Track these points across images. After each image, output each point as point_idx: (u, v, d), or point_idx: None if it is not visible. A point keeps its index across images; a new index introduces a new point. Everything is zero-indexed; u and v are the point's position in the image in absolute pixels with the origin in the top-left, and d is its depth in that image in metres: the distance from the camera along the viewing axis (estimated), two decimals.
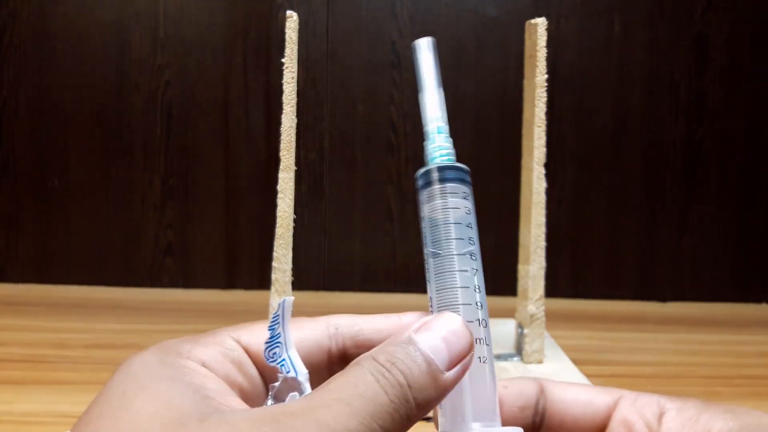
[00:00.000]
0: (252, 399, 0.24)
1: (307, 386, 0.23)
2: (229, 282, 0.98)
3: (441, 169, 0.26)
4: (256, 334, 0.25)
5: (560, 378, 0.62)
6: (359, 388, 0.20)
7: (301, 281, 0.90)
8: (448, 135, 0.27)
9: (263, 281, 0.97)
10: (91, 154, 0.97)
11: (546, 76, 0.63)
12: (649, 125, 0.99)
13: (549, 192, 0.63)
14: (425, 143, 0.28)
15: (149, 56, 0.96)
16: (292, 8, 0.91)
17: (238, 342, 0.24)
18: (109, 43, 0.96)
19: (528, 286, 0.65)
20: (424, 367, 0.21)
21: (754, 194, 1.00)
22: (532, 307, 0.64)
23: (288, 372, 0.23)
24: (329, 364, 0.25)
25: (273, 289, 0.60)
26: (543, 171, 0.64)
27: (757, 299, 1.00)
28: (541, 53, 0.63)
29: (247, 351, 0.24)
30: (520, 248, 0.67)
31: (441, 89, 0.27)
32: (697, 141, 0.99)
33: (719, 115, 0.99)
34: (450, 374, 0.22)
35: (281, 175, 0.60)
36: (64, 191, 0.97)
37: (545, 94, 0.63)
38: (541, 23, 0.63)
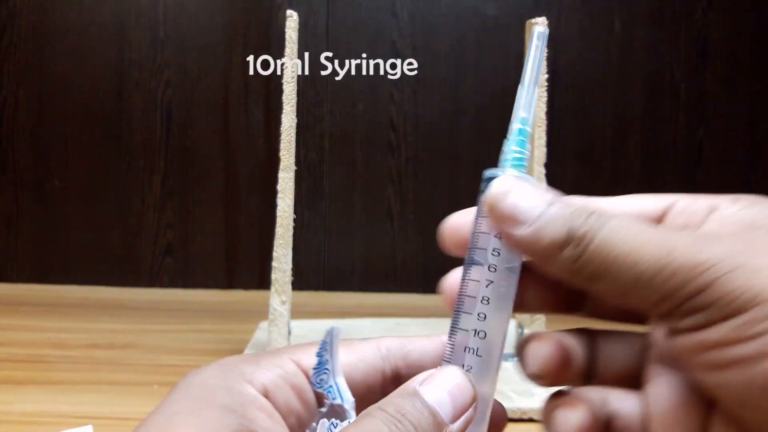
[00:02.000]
0: (307, 424, 0.24)
1: (352, 413, 0.23)
2: (229, 282, 0.98)
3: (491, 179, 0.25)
4: (314, 357, 0.25)
5: None
6: None
7: (301, 281, 0.90)
8: (527, 139, 0.26)
9: (263, 281, 0.97)
10: (91, 154, 0.97)
11: (546, 76, 0.63)
12: (649, 125, 0.99)
13: None
14: (505, 142, 0.26)
15: (149, 56, 0.96)
16: (292, 8, 0.91)
17: (299, 365, 0.24)
18: (109, 43, 0.96)
19: None
20: (431, 420, 0.22)
21: (754, 194, 1.00)
22: None
23: (335, 399, 0.23)
24: (383, 384, 0.26)
25: (273, 289, 0.60)
26: (543, 171, 0.64)
27: None
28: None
29: (307, 376, 0.24)
30: None
31: (537, 88, 0.25)
32: (697, 141, 0.99)
33: (719, 115, 0.99)
34: (454, 426, 0.22)
35: (281, 175, 0.60)
36: (64, 191, 0.97)
37: (545, 94, 0.63)
38: (541, 23, 0.63)
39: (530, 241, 0.22)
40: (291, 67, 0.60)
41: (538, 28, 0.25)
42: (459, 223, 0.25)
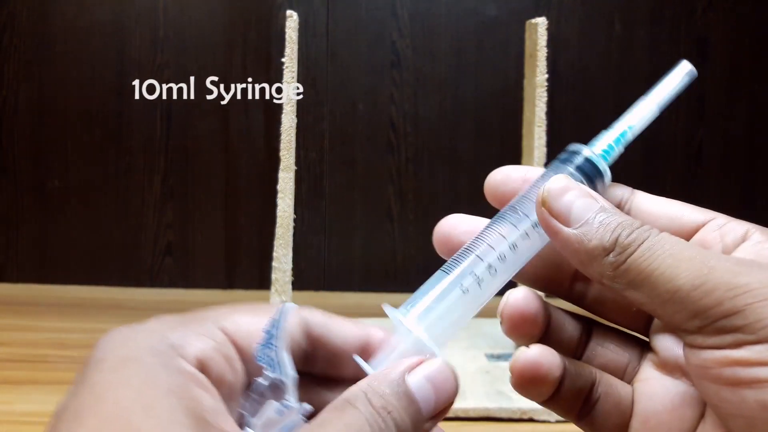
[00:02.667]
0: (235, 392, 0.24)
1: (292, 390, 0.23)
2: (229, 282, 0.98)
3: (585, 159, 0.26)
4: (239, 324, 0.25)
5: None
6: (351, 430, 0.20)
7: (301, 281, 0.90)
8: (623, 143, 0.27)
9: (263, 281, 0.97)
10: (91, 154, 0.97)
11: (546, 76, 0.63)
12: (650, 125, 0.98)
13: None
14: (603, 132, 0.27)
15: (149, 56, 0.96)
16: (292, 8, 0.91)
17: (226, 334, 0.24)
18: (109, 43, 0.96)
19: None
20: (414, 417, 0.22)
21: (754, 194, 1.00)
22: None
23: (276, 373, 0.23)
24: (295, 355, 0.25)
25: (273, 289, 0.60)
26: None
27: None
28: (542, 53, 0.63)
29: (235, 345, 0.24)
30: None
31: (656, 112, 0.27)
32: (697, 141, 0.99)
33: (719, 115, 0.99)
34: (429, 424, 0.23)
35: (281, 175, 0.60)
36: (64, 191, 0.97)
37: (545, 94, 0.63)
38: (541, 23, 0.63)
39: (576, 241, 0.23)
40: (291, 67, 0.60)
41: (687, 65, 0.27)
42: (451, 229, 0.27)
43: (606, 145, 0.26)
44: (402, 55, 0.96)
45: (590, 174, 0.25)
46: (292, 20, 0.60)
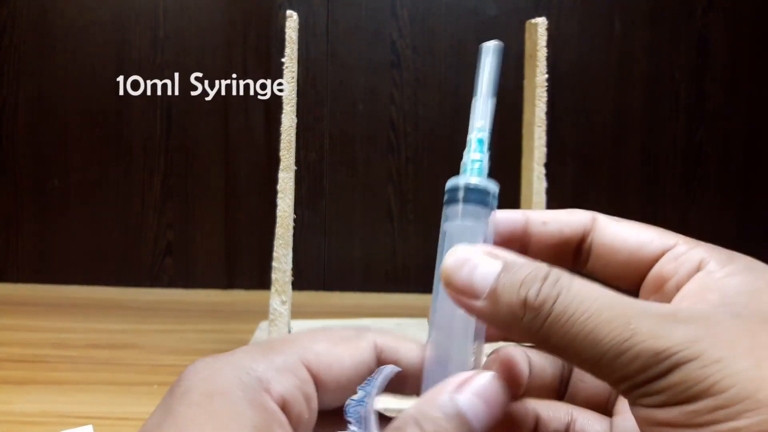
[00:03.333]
0: (307, 430, 0.24)
1: None
2: (229, 282, 0.98)
3: (465, 188, 0.25)
4: (322, 358, 0.24)
5: None
6: None
7: (301, 281, 0.90)
8: (486, 149, 0.26)
9: (263, 281, 0.97)
10: (91, 154, 0.97)
11: (546, 76, 0.63)
12: (649, 125, 0.99)
13: (549, 192, 0.63)
14: (464, 152, 0.27)
15: (149, 56, 0.96)
16: (292, 8, 0.91)
17: (309, 369, 0.24)
18: (109, 43, 0.96)
19: None
20: None
21: (754, 194, 1.00)
22: None
23: (360, 428, 0.23)
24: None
25: (273, 289, 0.60)
26: (543, 171, 0.64)
27: None
28: (541, 53, 0.63)
29: (314, 378, 0.24)
30: None
31: (493, 99, 0.26)
32: (697, 141, 0.99)
33: (719, 115, 0.99)
34: None
35: (281, 175, 0.60)
36: (64, 191, 0.97)
37: (545, 94, 0.63)
38: (541, 23, 0.63)
39: (489, 313, 0.22)
40: (291, 67, 0.60)
41: (485, 44, 0.26)
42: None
43: (473, 162, 0.26)
44: (402, 55, 0.96)
45: (480, 200, 0.25)
46: (292, 20, 0.60)
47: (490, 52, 0.26)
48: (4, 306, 0.87)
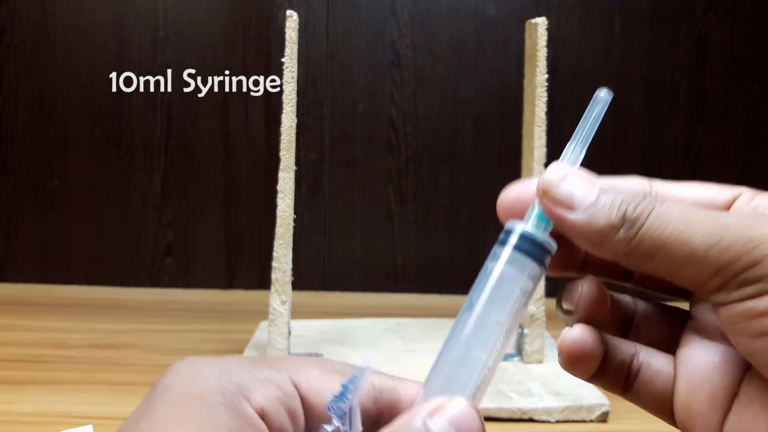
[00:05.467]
0: None
1: None
2: (229, 282, 0.98)
3: (523, 237, 0.25)
4: (313, 381, 0.24)
5: (560, 377, 0.62)
6: None
7: (301, 281, 0.90)
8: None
9: (263, 281, 0.97)
10: (91, 154, 0.97)
11: (546, 76, 0.63)
12: (649, 125, 0.99)
13: None
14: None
15: (149, 56, 0.96)
16: (292, 8, 0.91)
17: (297, 388, 0.24)
18: (109, 43, 0.96)
19: None
20: None
21: None
22: (532, 308, 0.64)
23: (343, 425, 0.23)
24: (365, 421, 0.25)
25: (273, 289, 0.60)
26: (543, 171, 0.64)
27: None
28: (541, 53, 0.63)
29: (302, 400, 0.24)
30: None
31: (585, 148, 0.27)
32: (697, 141, 0.99)
33: (719, 115, 0.99)
34: None
35: (281, 175, 0.60)
36: (64, 191, 0.97)
37: (545, 94, 0.63)
38: (541, 23, 0.63)
39: (585, 224, 0.23)
40: (291, 67, 0.60)
41: (601, 93, 0.27)
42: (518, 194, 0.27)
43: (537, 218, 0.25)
44: (402, 55, 0.96)
45: (536, 253, 0.25)
46: (292, 20, 0.60)
47: (600, 103, 0.27)
48: (4, 306, 0.87)
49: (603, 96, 0.26)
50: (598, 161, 1.00)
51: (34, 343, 0.72)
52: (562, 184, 0.24)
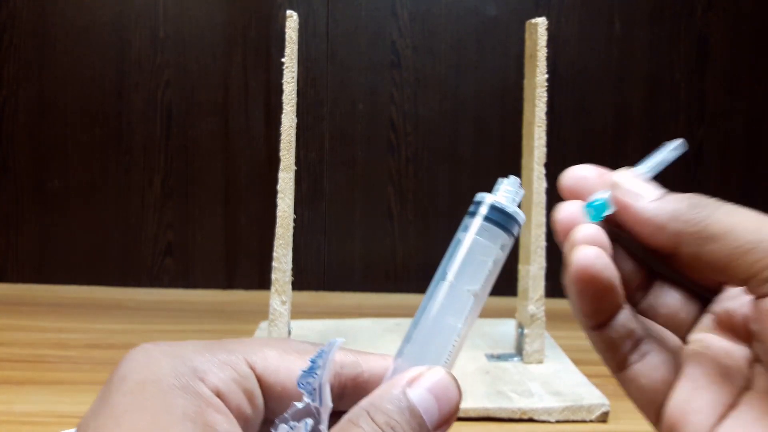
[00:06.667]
0: (251, 428, 0.24)
1: (325, 418, 0.23)
2: (229, 282, 0.98)
3: (493, 208, 0.26)
4: (270, 362, 0.24)
5: (559, 378, 0.62)
6: None
7: (301, 281, 0.90)
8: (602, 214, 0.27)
9: (263, 281, 0.97)
10: (91, 154, 0.97)
11: (546, 76, 0.63)
12: (649, 125, 0.99)
13: (549, 192, 0.63)
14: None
15: (149, 56, 0.96)
16: (292, 8, 0.91)
17: (253, 369, 0.24)
18: (109, 43, 0.96)
19: (528, 286, 0.65)
20: (419, 430, 0.22)
21: (754, 194, 1.00)
22: (532, 307, 0.64)
23: (313, 401, 0.23)
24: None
25: (273, 289, 0.60)
26: (543, 171, 0.64)
27: None
28: (542, 53, 0.63)
29: (259, 380, 0.24)
30: (521, 248, 0.67)
31: (650, 177, 0.28)
32: (697, 141, 0.99)
33: (720, 115, 0.99)
34: None
35: (281, 175, 0.60)
36: (64, 191, 0.97)
37: (545, 94, 0.63)
38: (541, 23, 0.63)
39: (654, 207, 0.24)
40: (291, 67, 0.60)
41: (676, 143, 0.29)
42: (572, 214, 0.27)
43: (595, 202, 0.27)
44: (402, 55, 0.96)
45: (504, 223, 0.26)
46: (292, 20, 0.60)
47: (678, 150, 0.29)
48: (4, 306, 0.87)
49: (679, 145, 0.28)
50: (598, 161, 1.00)
51: (34, 343, 0.72)
52: (631, 182, 0.26)
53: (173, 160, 0.97)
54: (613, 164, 0.28)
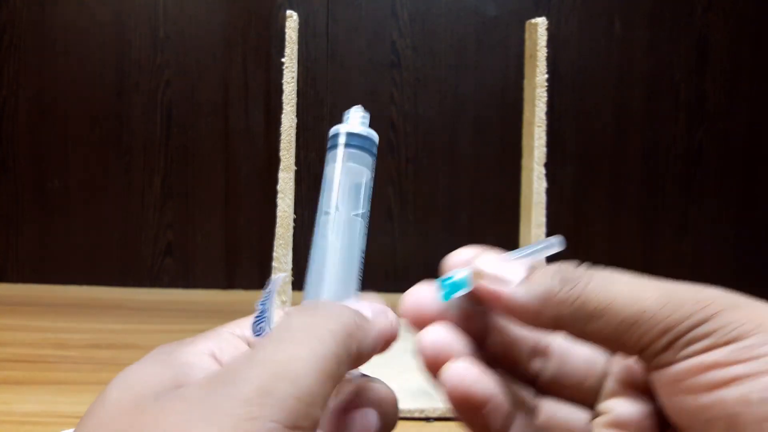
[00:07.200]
0: None
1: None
2: (229, 282, 0.98)
3: (351, 134, 0.28)
4: (245, 329, 0.26)
5: None
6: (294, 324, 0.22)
7: (301, 281, 0.89)
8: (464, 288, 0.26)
9: (263, 281, 0.96)
10: (91, 154, 0.97)
11: (546, 76, 0.63)
12: (649, 125, 0.99)
13: (549, 192, 0.63)
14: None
15: (149, 56, 0.96)
16: (292, 8, 0.91)
17: (234, 335, 0.26)
18: (109, 43, 0.96)
19: None
20: (352, 314, 0.23)
21: (754, 194, 1.00)
22: None
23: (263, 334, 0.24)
24: None
25: None
26: (543, 171, 0.64)
27: (757, 299, 1.00)
28: (541, 53, 0.63)
29: (247, 343, 0.25)
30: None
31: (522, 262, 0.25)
32: (697, 141, 0.99)
33: (719, 115, 0.99)
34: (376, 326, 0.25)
35: (281, 175, 0.60)
36: (64, 191, 0.97)
37: (545, 94, 0.63)
38: (541, 23, 0.63)
39: (524, 293, 0.23)
40: (291, 67, 0.60)
41: (555, 240, 0.26)
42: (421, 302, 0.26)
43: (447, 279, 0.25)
44: (402, 55, 0.96)
45: (364, 145, 0.28)
46: (292, 20, 0.60)
47: (554, 247, 0.26)
48: (4, 306, 0.87)
49: (558, 242, 0.26)
50: (598, 161, 1.00)
51: (34, 343, 0.72)
52: (493, 265, 0.24)
53: (173, 160, 0.97)
54: (613, 164, 0.28)
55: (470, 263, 0.24)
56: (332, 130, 0.28)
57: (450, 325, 0.24)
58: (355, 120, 0.28)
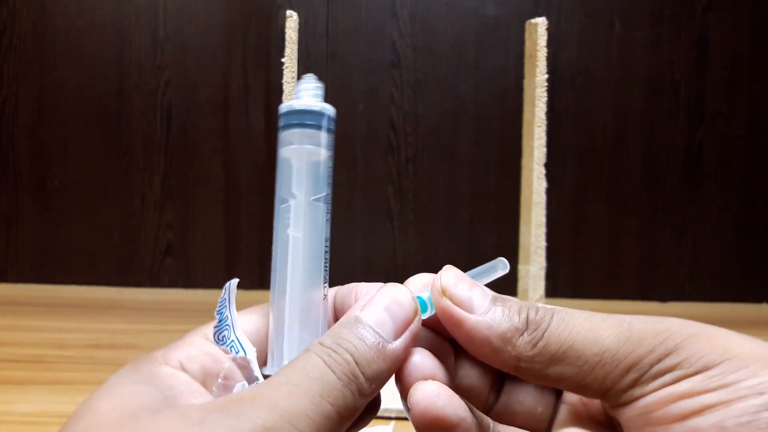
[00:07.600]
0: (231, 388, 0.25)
1: (254, 364, 0.24)
2: None
3: (302, 112, 0.25)
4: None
5: None
6: (306, 369, 0.20)
7: None
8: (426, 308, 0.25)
9: (263, 281, 0.97)
10: (91, 154, 0.97)
11: (546, 76, 0.63)
12: (649, 125, 0.99)
13: (549, 192, 0.63)
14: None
15: (149, 56, 0.96)
16: (292, 8, 0.91)
17: (208, 338, 0.25)
18: (109, 43, 0.96)
19: (528, 287, 0.65)
20: (370, 342, 0.22)
21: (754, 194, 1.00)
22: None
23: (237, 352, 0.24)
24: None
25: None
26: (543, 171, 0.64)
27: (757, 299, 1.00)
28: (541, 53, 0.63)
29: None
30: (521, 248, 0.67)
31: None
32: (697, 141, 0.99)
33: (719, 116, 0.99)
34: (397, 343, 0.22)
35: None
36: (64, 191, 0.97)
37: (545, 94, 0.63)
38: (541, 23, 0.63)
39: (487, 326, 0.22)
40: (291, 67, 0.60)
41: (500, 263, 0.25)
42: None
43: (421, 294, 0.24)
44: (402, 55, 0.96)
45: (318, 122, 0.25)
46: (292, 20, 0.60)
47: (501, 270, 0.25)
48: (4, 306, 0.87)
49: (502, 266, 0.25)
50: (598, 161, 1.00)
51: (34, 343, 0.72)
52: (459, 285, 0.23)
53: (173, 160, 0.97)
54: (613, 164, 0.28)
55: (432, 284, 0.24)
56: (282, 107, 0.25)
57: (420, 349, 0.23)
58: (307, 93, 0.25)
